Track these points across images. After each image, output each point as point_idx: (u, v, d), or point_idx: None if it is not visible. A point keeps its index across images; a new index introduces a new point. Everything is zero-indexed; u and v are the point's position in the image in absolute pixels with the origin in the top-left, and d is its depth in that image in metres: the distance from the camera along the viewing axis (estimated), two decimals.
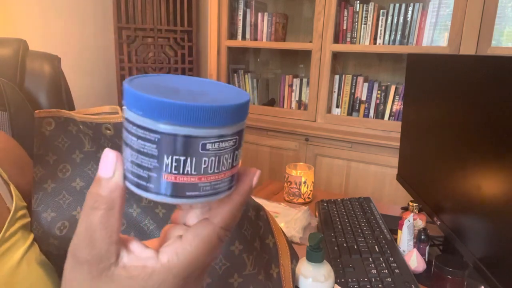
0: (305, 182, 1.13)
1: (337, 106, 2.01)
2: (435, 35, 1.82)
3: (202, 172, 0.22)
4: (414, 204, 0.95)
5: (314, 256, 0.53)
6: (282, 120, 2.07)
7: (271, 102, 2.35)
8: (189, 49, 2.41)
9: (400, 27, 1.80)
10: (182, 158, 0.22)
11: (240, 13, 2.17)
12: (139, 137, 0.22)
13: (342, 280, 0.70)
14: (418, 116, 0.99)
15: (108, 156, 0.23)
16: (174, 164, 0.22)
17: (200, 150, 0.22)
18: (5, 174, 0.44)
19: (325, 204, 1.06)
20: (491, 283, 0.61)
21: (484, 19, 1.55)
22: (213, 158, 0.22)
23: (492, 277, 0.61)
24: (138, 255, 0.23)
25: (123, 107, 0.23)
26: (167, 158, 0.22)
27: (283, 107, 2.18)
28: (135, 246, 0.24)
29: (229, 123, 0.22)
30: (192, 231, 0.24)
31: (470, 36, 1.59)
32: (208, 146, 0.22)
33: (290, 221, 0.94)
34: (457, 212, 0.77)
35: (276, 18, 2.11)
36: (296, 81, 2.12)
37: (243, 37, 2.19)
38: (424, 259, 0.81)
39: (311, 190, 1.16)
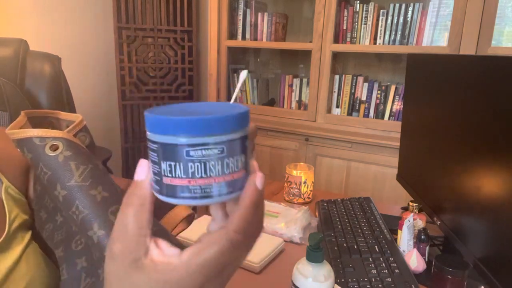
0: (305, 182, 1.13)
1: (337, 106, 2.01)
2: (435, 35, 1.82)
3: (190, 175, 0.26)
4: (414, 204, 0.95)
5: (314, 256, 0.53)
6: (282, 120, 2.07)
7: (271, 102, 2.35)
8: (189, 49, 2.41)
9: (400, 27, 1.80)
10: (173, 163, 0.26)
11: (240, 13, 2.17)
12: (150, 149, 0.27)
13: (342, 280, 0.70)
14: (418, 116, 0.99)
15: (142, 164, 0.28)
16: (168, 168, 0.26)
17: (185, 156, 0.25)
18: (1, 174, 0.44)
19: (325, 204, 1.06)
20: (491, 283, 0.61)
21: (484, 19, 1.55)
22: (198, 164, 0.26)
23: (492, 277, 0.61)
24: (165, 252, 0.26)
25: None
26: (163, 163, 0.26)
27: (283, 107, 2.18)
28: (163, 244, 0.27)
29: (211, 133, 0.25)
30: (209, 235, 0.27)
31: (470, 36, 1.59)
32: (192, 153, 0.25)
33: (290, 221, 0.94)
34: (457, 212, 0.77)
35: (276, 18, 2.11)
36: (296, 81, 2.12)
37: (243, 37, 2.19)
38: (424, 259, 0.81)
39: (311, 190, 1.16)
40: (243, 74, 0.36)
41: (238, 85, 0.36)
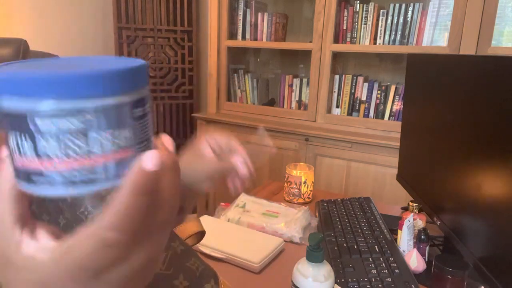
0: (305, 182, 1.13)
1: (337, 106, 2.01)
2: (435, 35, 1.82)
3: (40, 155, 0.18)
4: (414, 204, 0.95)
5: (314, 256, 0.53)
6: (282, 120, 2.07)
7: (271, 102, 2.35)
8: (189, 49, 2.41)
9: (400, 27, 1.80)
10: (18, 137, 0.18)
11: (240, 13, 2.17)
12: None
13: (342, 280, 0.70)
14: (418, 116, 0.99)
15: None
16: (15, 144, 0.18)
17: (31, 128, 0.18)
18: None
19: (325, 204, 1.06)
20: (491, 283, 0.61)
21: (484, 19, 1.55)
22: (52, 141, 0.18)
23: (492, 277, 0.61)
24: (40, 242, 0.22)
25: None
26: (11, 139, 0.19)
27: (283, 107, 2.18)
28: (42, 233, 0.22)
29: (70, 96, 0.17)
30: (85, 229, 0.21)
31: (470, 36, 1.59)
32: (39, 122, 0.17)
33: (290, 221, 0.94)
34: (457, 212, 0.77)
35: (276, 18, 2.11)
36: (296, 81, 2.12)
37: (243, 37, 2.19)
38: (424, 259, 0.81)
39: (311, 190, 1.16)
40: (261, 131, 0.34)
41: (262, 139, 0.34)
